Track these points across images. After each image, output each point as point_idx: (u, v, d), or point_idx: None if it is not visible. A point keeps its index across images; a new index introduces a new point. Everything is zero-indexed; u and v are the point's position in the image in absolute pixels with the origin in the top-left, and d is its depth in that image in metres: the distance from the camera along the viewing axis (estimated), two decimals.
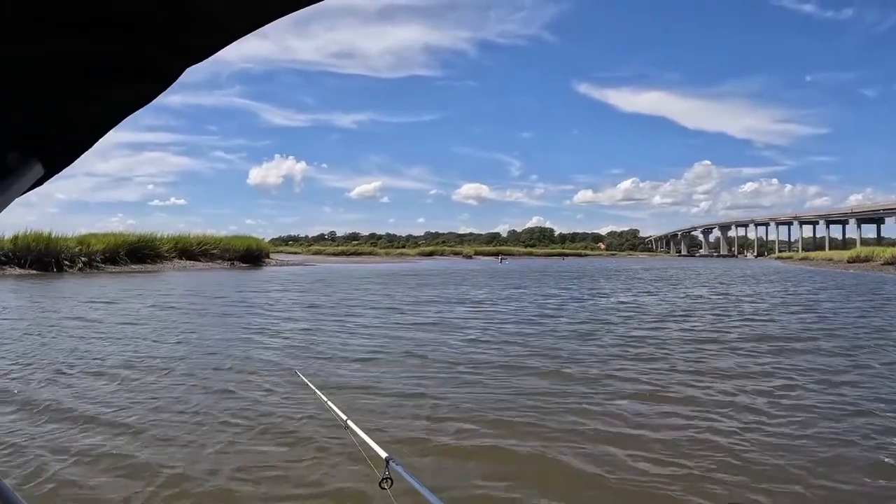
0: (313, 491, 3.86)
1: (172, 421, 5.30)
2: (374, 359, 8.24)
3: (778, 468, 4.26)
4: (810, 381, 6.99)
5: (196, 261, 42.07)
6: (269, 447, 4.64)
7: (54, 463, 4.26)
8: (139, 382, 6.74)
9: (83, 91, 0.47)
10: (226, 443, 4.72)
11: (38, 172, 0.53)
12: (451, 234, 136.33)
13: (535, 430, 5.07)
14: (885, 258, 45.73)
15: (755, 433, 5.03)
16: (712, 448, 4.66)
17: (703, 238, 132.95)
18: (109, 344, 9.30)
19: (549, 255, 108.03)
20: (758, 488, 3.92)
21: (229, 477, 4.05)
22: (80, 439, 4.77)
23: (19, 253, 30.78)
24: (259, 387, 6.56)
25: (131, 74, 0.47)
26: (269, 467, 4.24)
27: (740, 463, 4.35)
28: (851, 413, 5.69)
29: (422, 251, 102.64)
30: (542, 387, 6.65)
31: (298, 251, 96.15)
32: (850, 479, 4.11)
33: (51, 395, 6.13)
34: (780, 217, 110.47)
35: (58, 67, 0.43)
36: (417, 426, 5.17)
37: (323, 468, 4.19)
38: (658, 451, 4.59)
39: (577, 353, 8.87)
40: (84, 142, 0.54)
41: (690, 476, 4.12)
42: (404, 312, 14.61)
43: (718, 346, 9.53)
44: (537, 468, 4.29)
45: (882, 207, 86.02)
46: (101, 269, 33.72)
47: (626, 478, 4.11)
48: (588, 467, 4.31)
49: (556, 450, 4.60)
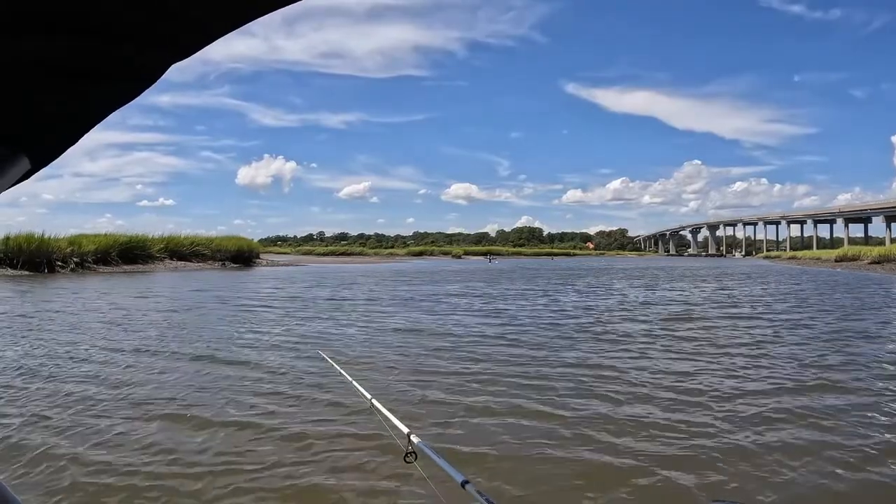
0: (341, 464, 4.17)
1: (197, 404, 5.57)
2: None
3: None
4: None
5: (187, 261, 41.95)
6: (298, 427, 4.95)
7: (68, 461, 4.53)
8: (161, 370, 7.00)
9: (63, 89, 0.46)
10: (251, 423, 5.01)
11: (24, 167, 0.53)
12: (440, 235, 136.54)
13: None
14: (872, 257, 46.57)
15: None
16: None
17: (692, 238, 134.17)
18: (133, 336, 9.52)
19: (538, 255, 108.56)
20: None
21: (254, 456, 4.32)
22: (111, 418, 5.04)
23: (11, 254, 30.61)
24: (284, 367, 7.13)
25: (111, 73, 0.46)
26: (299, 445, 4.54)
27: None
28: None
29: (411, 251, 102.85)
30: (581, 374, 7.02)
31: (288, 251, 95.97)
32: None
33: (74, 387, 6.36)
34: (768, 217, 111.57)
35: (36, 66, 0.43)
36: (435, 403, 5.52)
37: (348, 443, 4.50)
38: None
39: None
40: (69, 138, 0.53)
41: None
42: (435, 312, 14.95)
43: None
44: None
45: (869, 207, 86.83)
46: (92, 269, 33.60)
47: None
48: (608, 455, 4.66)
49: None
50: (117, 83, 0.48)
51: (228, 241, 48.23)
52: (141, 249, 38.71)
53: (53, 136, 0.53)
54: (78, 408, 5.50)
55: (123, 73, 0.47)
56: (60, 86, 0.46)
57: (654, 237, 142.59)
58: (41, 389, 6.19)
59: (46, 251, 31.88)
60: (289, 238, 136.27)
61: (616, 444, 4.63)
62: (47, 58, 0.43)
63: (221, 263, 43.86)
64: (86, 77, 0.45)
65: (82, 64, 0.44)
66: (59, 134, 0.53)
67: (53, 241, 33.04)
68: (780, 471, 4.14)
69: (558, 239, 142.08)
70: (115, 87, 0.48)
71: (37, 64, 0.43)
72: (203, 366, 7.51)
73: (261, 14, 0.46)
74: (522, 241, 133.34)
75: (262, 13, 0.46)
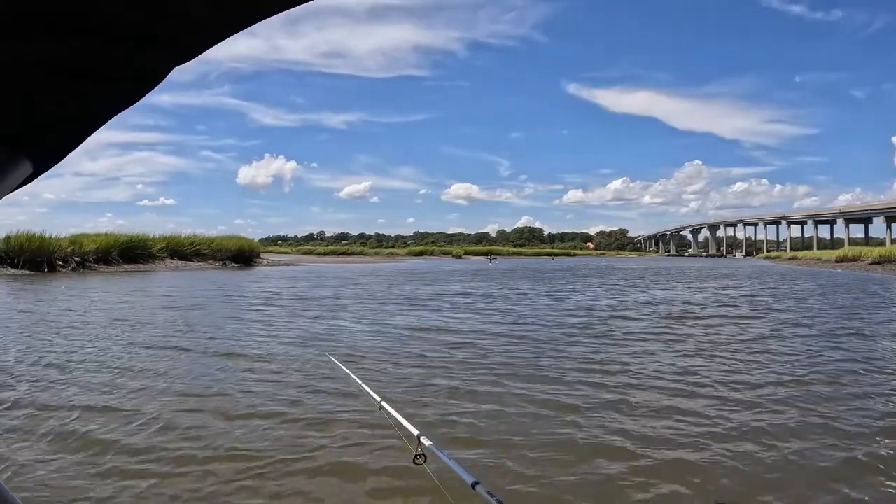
0: (352, 468, 4.13)
1: (204, 409, 5.53)
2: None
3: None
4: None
5: (188, 261, 41.94)
6: (309, 431, 4.90)
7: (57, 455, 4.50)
8: (167, 372, 6.97)
9: (63, 89, 0.46)
10: (259, 423, 4.98)
11: (26, 170, 0.52)
12: (441, 234, 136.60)
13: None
14: (873, 258, 46.39)
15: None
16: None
17: (692, 238, 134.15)
18: (140, 334, 9.50)
19: (539, 255, 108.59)
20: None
21: (261, 456, 4.28)
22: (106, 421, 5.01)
23: (12, 253, 30.58)
24: (292, 368, 7.13)
25: (111, 74, 0.46)
26: (310, 448, 4.50)
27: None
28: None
29: (411, 251, 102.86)
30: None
31: (288, 251, 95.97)
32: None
33: (77, 389, 6.33)
34: (768, 217, 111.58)
35: (36, 66, 0.43)
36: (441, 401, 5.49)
37: (358, 447, 4.46)
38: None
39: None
40: (72, 140, 0.53)
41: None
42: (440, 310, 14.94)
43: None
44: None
45: (870, 207, 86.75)
46: (93, 269, 33.58)
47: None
48: (617, 456, 4.63)
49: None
50: (118, 84, 0.47)
51: (229, 240, 48.22)
52: (142, 249, 38.72)
53: (54, 138, 0.52)
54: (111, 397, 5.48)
55: (124, 73, 0.46)
56: (60, 86, 0.45)
57: (655, 237, 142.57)
58: (83, 384, 6.17)
59: (47, 250, 31.86)
60: (289, 238, 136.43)
61: (626, 446, 4.59)
62: (47, 58, 0.42)
63: (222, 263, 43.85)
64: (86, 77, 0.45)
65: (82, 64, 0.44)
66: (59, 136, 0.52)
67: (54, 241, 33.02)
68: (782, 475, 4.11)
69: (559, 239, 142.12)
70: (116, 89, 0.48)
71: (37, 64, 0.42)
72: (210, 366, 7.47)
73: (263, 17, 0.46)
74: (523, 241, 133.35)
75: (265, 16, 0.46)
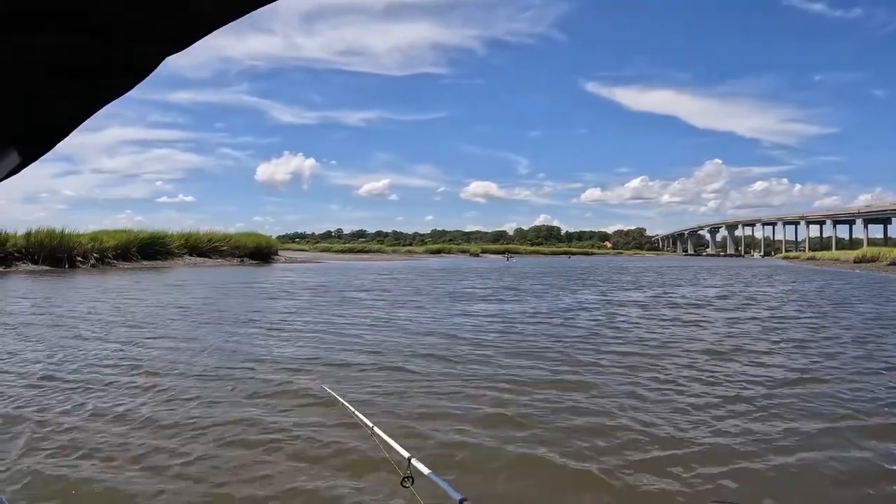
0: (340, 492, 3.94)
1: (196, 427, 5.34)
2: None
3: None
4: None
5: (206, 258, 42.33)
6: (299, 462, 4.69)
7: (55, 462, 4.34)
8: (167, 385, 6.79)
9: (63, 88, 0.46)
10: (249, 441, 4.78)
11: (13, 161, 0.53)
12: (458, 233, 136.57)
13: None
14: (891, 258, 45.38)
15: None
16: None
17: (710, 237, 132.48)
18: (167, 329, 9.40)
19: (556, 254, 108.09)
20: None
21: (248, 475, 4.13)
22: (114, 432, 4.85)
23: (32, 249, 31.07)
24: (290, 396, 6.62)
25: (111, 72, 0.46)
26: (293, 469, 4.31)
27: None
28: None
29: (428, 249, 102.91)
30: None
31: (306, 248, 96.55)
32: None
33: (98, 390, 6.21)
34: (787, 217, 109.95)
35: (26, 62, 0.42)
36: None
37: (349, 472, 4.26)
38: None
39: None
40: (61, 132, 0.53)
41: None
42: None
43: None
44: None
45: (889, 208, 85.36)
46: (113, 265, 34.00)
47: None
48: (604, 475, 4.29)
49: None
50: (114, 79, 0.48)
51: (247, 237, 48.56)
52: (161, 246, 39.20)
53: (45, 131, 0.53)
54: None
55: (121, 69, 0.47)
56: (58, 84, 0.46)
57: (672, 237, 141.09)
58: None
59: (67, 247, 32.35)
60: (307, 235, 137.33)
61: (620, 453, 4.30)
62: (47, 57, 0.43)
63: (240, 260, 44.17)
64: (84, 75, 0.46)
65: (81, 62, 0.44)
66: (50, 129, 0.52)
67: (74, 237, 33.55)
68: (782, 474, 4.10)
69: (576, 238, 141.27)
70: (112, 83, 0.48)
71: (36, 63, 0.43)
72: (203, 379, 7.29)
73: (257, 6, 0.46)
74: (540, 239, 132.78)
75: (258, 6, 0.46)
